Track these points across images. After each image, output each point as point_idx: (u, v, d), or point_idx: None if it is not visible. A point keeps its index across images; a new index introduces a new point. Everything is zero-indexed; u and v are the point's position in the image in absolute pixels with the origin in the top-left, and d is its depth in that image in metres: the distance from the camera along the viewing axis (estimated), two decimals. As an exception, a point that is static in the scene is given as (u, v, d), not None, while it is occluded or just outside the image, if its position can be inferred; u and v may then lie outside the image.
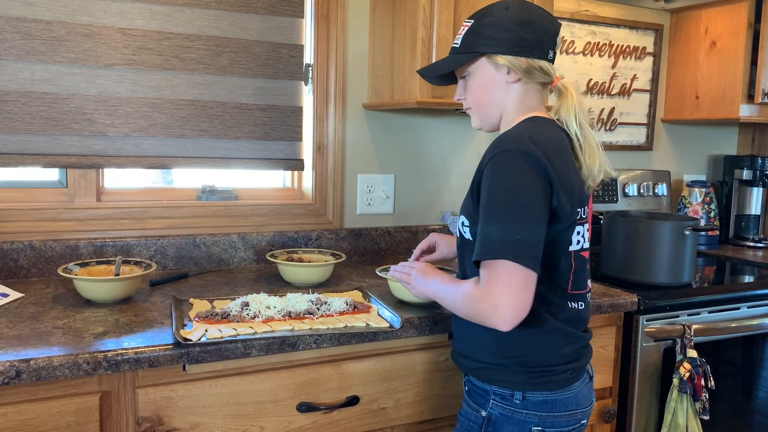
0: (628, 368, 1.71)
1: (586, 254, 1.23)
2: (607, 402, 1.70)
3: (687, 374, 1.62)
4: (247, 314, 1.31)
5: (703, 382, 1.63)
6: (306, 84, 1.95)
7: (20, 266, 1.63)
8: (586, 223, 1.23)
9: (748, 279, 2.07)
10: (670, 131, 2.66)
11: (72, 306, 1.40)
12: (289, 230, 1.95)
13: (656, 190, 2.53)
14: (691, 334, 1.68)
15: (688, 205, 2.50)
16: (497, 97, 1.23)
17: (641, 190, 2.50)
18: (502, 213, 1.08)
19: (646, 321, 1.68)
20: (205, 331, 1.21)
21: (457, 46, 1.25)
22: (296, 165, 1.96)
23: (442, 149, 2.16)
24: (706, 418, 1.63)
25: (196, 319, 1.29)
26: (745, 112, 2.32)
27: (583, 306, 1.22)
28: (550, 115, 1.24)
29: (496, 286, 1.06)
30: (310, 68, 1.94)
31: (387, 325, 1.32)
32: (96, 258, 1.68)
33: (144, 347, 1.14)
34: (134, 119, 1.73)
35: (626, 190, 2.47)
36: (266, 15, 1.85)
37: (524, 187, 1.08)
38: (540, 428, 1.17)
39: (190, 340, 1.17)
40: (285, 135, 1.92)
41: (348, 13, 1.95)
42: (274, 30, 1.87)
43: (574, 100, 1.21)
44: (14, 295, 1.46)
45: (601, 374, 1.66)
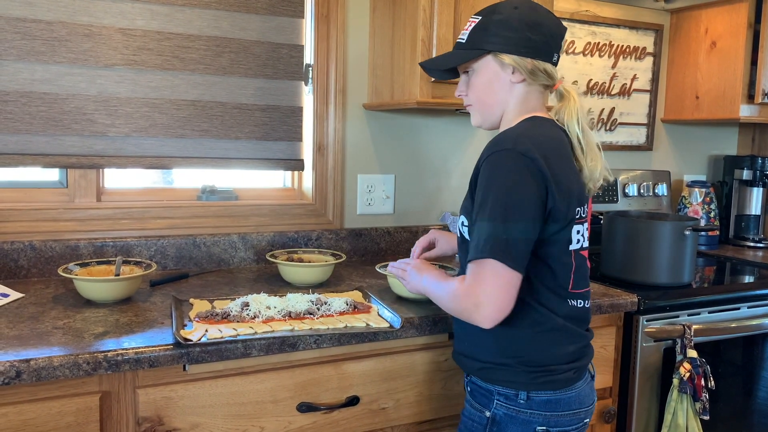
0: (629, 368, 1.71)
1: (586, 253, 1.24)
2: (607, 402, 1.70)
3: (687, 374, 1.62)
4: (248, 314, 1.31)
5: (703, 383, 1.63)
6: (306, 84, 1.95)
7: (20, 266, 1.63)
8: (586, 222, 1.23)
9: (748, 279, 2.07)
10: (670, 131, 2.66)
11: (72, 306, 1.40)
12: (290, 230, 1.95)
13: (656, 191, 2.53)
14: (691, 334, 1.68)
15: (688, 205, 2.50)
16: (500, 96, 1.23)
17: (641, 190, 2.50)
18: (492, 212, 1.09)
19: (646, 321, 1.68)
20: (206, 331, 1.21)
21: (463, 41, 1.24)
22: (296, 165, 1.96)
23: (442, 149, 2.16)
24: (706, 418, 1.63)
25: (196, 319, 1.29)
26: (745, 112, 2.32)
27: (582, 304, 1.22)
28: (550, 115, 1.24)
29: (479, 285, 1.08)
30: (310, 68, 1.94)
31: (387, 326, 1.32)
32: (96, 258, 1.68)
33: (144, 347, 1.14)
34: (134, 119, 1.73)
35: (626, 191, 2.47)
36: (266, 15, 1.85)
37: (517, 187, 1.09)
38: (544, 428, 1.17)
39: (191, 341, 1.17)
40: (285, 135, 1.92)
41: (348, 13, 1.95)
42: (274, 30, 1.87)
43: (576, 104, 1.22)
44: (14, 295, 1.46)
45: (601, 374, 1.66)
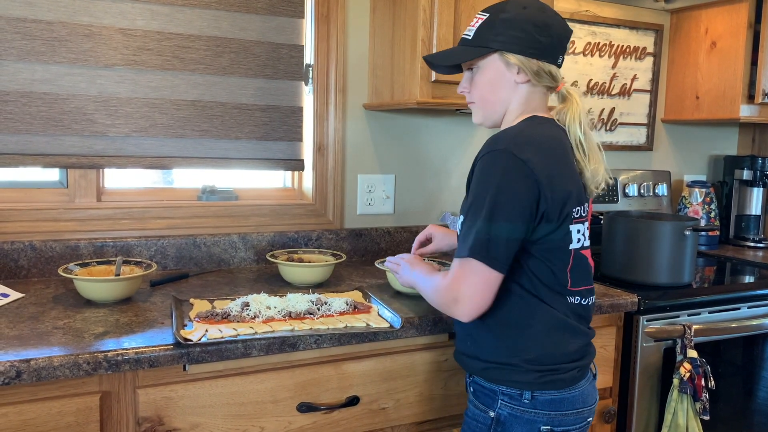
0: (629, 368, 1.71)
1: (586, 252, 1.23)
2: (607, 402, 1.70)
3: (687, 374, 1.62)
4: (248, 314, 1.31)
5: (703, 383, 1.63)
6: (306, 84, 1.95)
7: (21, 266, 1.63)
8: (587, 221, 1.23)
9: (748, 279, 2.07)
10: (670, 131, 2.66)
11: (72, 306, 1.40)
12: (290, 230, 1.95)
13: (656, 191, 2.53)
14: (692, 334, 1.68)
15: (688, 206, 2.50)
16: (503, 96, 1.23)
17: (641, 191, 2.50)
18: (478, 211, 1.11)
19: (647, 321, 1.68)
20: (206, 331, 1.21)
21: (469, 38, 1.23)
22: (296, 165, 1.96)
23: (442, 149, 2.16)
24: (707, 418, 1.63)
25: (196, 319, 1.29)
26: (746, 112, 2.32)
27: (580, 300, 1.21)
28: (552, 114, 1.24)
29: (459, 282, 1.13)
30: (310, 68, 1.94)
31: (387, 326, 1.32)
32: (96, 258, 1.68)
33: (144, 347, 1.14)
34: (134, 119, 1.73)
35: (626, 191, 2.47)
36: (266, 15, 1.85)
37: (506, 188, 1.10)
38: (549, 427, 1.17)
39: (191, 341, 1.17)
40: (285, 135, 1.92)
41: (348, 13, 1.95)
42: (274, 30, 1.87)
43: (579, 108, 1.22)
44: (15, 295, 1.46)
45: (602, 374, 1.66)
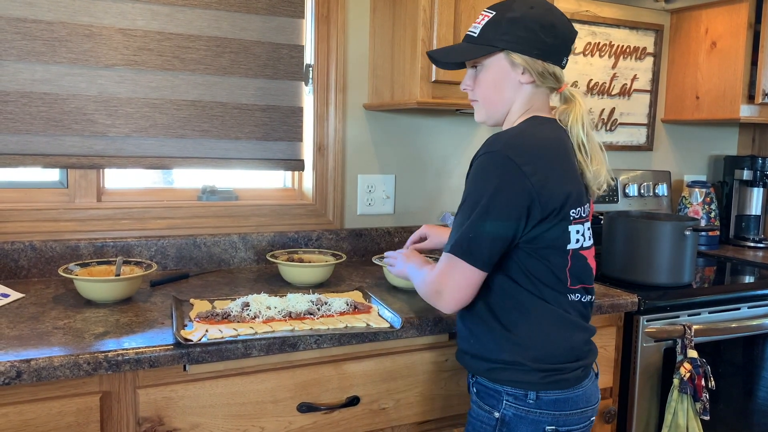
0: (629, 368, 1.71)
1: (586, 252, 1.22)
2: (607, 402, 1.70)
3: (687, 374, 1.62)
4: (248, 314, 1.31)
5: (703, 383, 1.63)
6: (306, 84, 1.95)
7: (21, 266, 1.63)
8: (587, 221, 1.23)
9: (748, 279, 2.07)
10: (670, 131, 2.66)
11: (72, 306, 1.40)
12: (290, 230, 1.95)
13: (656, 191, 2.53)
14: (692, 334, 1.68)
15: (688, 206, 2.50)
16: (507, 95, 1.22)
17: (641, 191, 2.50)
18: (467, 210, 1.13)
19: (647, 321, 1.68)
20: (206, 331, 1.21)
21: (475, 35, 1.22)
22: (296, 165, 1.96)
23: (442, 149, 2.16)
24: (707, 418, 1.63)
25: (196, 319, 1.29)
26: (746, 112, 2.32)
27: (579, 298, 1.20)
28: (554, 114, 1.24)
29: (443, 276, 1.17)
30: (310, 69, 1.94)
31: (387, 326, 1.32)
32: (96, 258, 1.68)
33: (144, 347, 1.14)
34: (135, 120, 1.73)
35: (626, 191, 2.47)
36: (267, 15, 1.85)
37: (497, 192, 1.10)
38: (554, 427, 1.17)
39: (191, 341, 1.17)
40: (285, 135, 1.92)
41: (348, 13, 1.95)
42: (274, 30, 1.87)
43: (582, 109, 1.22)
44: (15, 295, 1.46)
45: (602, 374, 1.66)
